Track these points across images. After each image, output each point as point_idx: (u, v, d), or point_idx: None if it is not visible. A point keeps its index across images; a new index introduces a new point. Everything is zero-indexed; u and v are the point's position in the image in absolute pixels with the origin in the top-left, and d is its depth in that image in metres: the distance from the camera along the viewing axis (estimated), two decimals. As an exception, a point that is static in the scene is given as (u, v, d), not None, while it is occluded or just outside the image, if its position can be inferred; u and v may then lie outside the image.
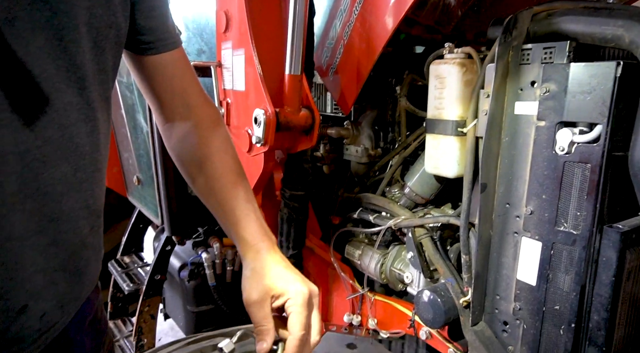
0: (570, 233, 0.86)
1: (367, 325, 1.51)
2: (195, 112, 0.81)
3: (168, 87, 0.78)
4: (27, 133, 0.53)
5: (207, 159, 0.79)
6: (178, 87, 0.78)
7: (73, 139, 0.59)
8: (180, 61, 0.78)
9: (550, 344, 0.92)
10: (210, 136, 0.81)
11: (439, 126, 1.08)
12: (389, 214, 1.33)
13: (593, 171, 0.82)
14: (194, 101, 0.81)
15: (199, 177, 0.79)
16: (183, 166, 0.82)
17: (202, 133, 0.80)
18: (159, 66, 0.75)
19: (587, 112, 0.81)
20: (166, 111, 0.80)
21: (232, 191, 0.77)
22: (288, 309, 0.68)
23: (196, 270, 1.73)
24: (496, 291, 1.02)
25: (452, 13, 1.66)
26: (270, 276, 0.70)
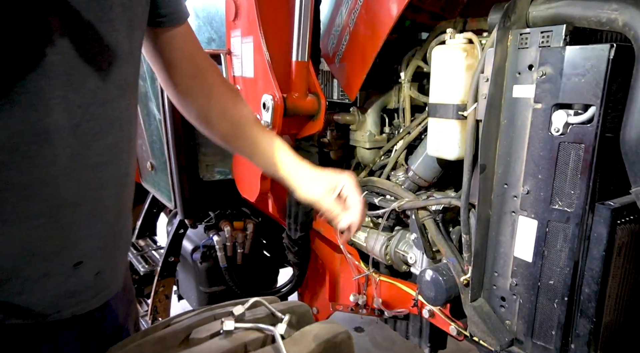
0: (565, 211, 0.90)
1: (372, 304, 1.57)
2: (206, 72, 0.91)
3: (179, 56, 0.86)
4: (76, 109, 0.61)
5: (228, 107, 0.92)
6: (188, 55, 0.88)
7: (114, 114, 0.68)
8: (188, 31, 0.88)
9: (545, 317, 0.96)
10: (224, 89, 0.93)
11: (440, 110, 1.11)
12: (393, 197, 1.38)
13: (586, 151, 0.85)
14: (202, 63, 0.91)
15: (222, 124, 0.92)
16: (201, 118, 0.93)
17: (218, 88, 0.92)
18: (172, 38, 0.84)
19: (582, 94, 0.84)
20: (177, 77, 0.89)
21: (259, 130, 0.93)
22: (345, 193, 0.90)
23: (208, 252, 1.80)
24: (494, 268, 1.06)
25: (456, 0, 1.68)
26: (321, 176, 0.91)
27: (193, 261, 1.81)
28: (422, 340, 1.62)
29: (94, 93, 0.64)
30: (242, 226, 1.84)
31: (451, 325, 1.29)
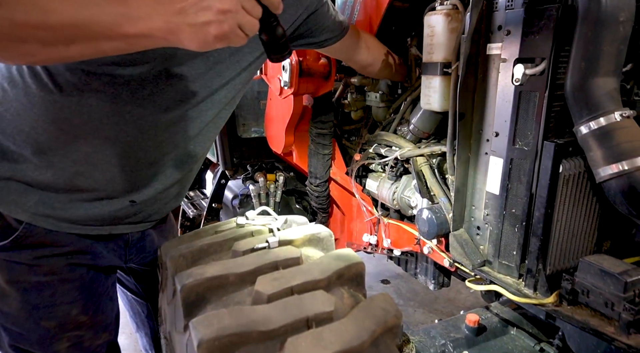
0: (523, 149, 1.07)
1: (382, 244, 1.80)
2: (377, 54, 1.47)
3: (356, 54, 1.41)
4: (190, 114, 0.99)
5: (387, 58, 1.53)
6: (362, 50, 1.42)
7: (216, 119, 1.07)
8: (353, 35, 1.37)
9: (508, 240, 1.15)
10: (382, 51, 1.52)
11: (430, 68, 1.29)
12: (398, 148, 1.58)
13: (540, 98, 1.01)
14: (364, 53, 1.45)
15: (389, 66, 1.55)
16: (382, 72, 1.55)
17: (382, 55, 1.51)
18: (342, 45, 1.32)
19: (536, 49, 1.00)
20: (358, 67, 1.49)
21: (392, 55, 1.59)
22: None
23: (245, 199, 2.10)
24: (472, 202, 1.25)
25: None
26: None
27: (232, 207, 2.12)
28: (427, 278, 1.84)
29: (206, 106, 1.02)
30: (274, 178, 2.12)
31: (445, 258, 1.50)
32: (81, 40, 0.65)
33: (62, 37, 0.64)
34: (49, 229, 0.95)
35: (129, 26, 0.65)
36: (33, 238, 0.94)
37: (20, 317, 0.98)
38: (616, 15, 0.89)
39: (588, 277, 0.97)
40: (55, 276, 0.99)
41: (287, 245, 0.87)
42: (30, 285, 0.97)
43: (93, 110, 0.86)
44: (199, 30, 0.66)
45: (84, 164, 0.91)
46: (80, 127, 0.87)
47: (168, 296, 0.88)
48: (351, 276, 0.82)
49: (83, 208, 0.97)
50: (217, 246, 0.88)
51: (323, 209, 1.92)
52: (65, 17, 0.62)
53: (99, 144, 0.90)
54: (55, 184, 0.91)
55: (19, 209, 0.92)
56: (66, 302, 1.02)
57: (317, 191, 1.80)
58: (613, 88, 0.93)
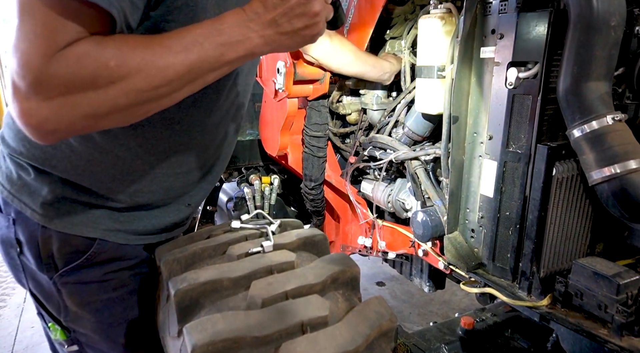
0: (517, 152, 1.08)
1: (377, 247, 1.80)
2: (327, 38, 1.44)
3: None
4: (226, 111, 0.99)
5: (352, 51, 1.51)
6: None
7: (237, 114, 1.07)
8: None
9: (503, 243, 1.15)
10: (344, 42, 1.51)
11: (425, 71, 1.30)
12: (392, 151, 1.58)
13: (533, 101, 1.02)
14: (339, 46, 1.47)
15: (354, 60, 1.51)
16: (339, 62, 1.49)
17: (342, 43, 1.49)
18: None
19: (530, 53, 1.01)
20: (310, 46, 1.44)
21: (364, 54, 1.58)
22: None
23: (239, 202, 2.09)
24: (467, 205, 1.25)
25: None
26: None
27: (227, 210, 2.12)
28: (422, 280, 1.84)
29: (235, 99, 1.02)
30: (269, 181, 2.11)
31: (440, 260, 1.50)
32: (192, 81, 0.69)
33: (178, 86, 0.67)
34: (119, 243, 0.96)
35: (232, 53, 0.69)
36: (105, 253, 0.96)
37: (97, 338, 0.99)
38: (607, 20, 0.90)
39: (581, 280, 0.97)
40: (124, 289, 1.00)
41: (281, 249, 0.86)
42: (102, 303, 0.98)
43: (145, 130, 0.87)
44: (296, 36, 0.70)
45: (141, 182, 0.93)
46: (134, 150, 0.89)
47: (162, 301, 0.87)
48: (346, 280, 0.82)
49: (148, 219, 1.00)
50: (212, 251, 0.88)
51: (318, 212, 1.92)
52: (179, 68, 0.65)
53: (154, 160, 0.92)
54: (118, 203, 0.94)
55: (90, 228, 0.92)
56: (137, 315, 1.03)
57: (312, 194, 1.80)
58: (605, 92, 0.94)
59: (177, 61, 0.65)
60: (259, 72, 1.68)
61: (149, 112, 0.70)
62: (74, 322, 0.97)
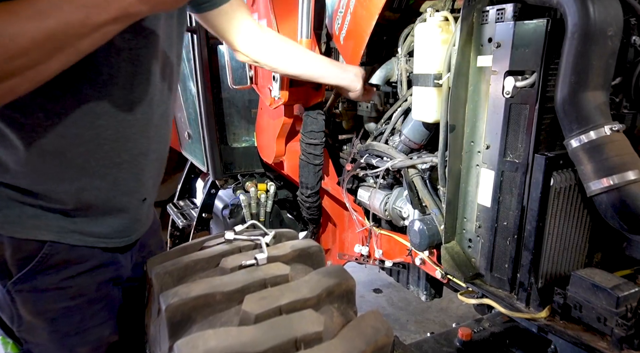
0: (514, 162, 1.06)
1: (374, 255, 1.78)
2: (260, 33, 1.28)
3: (235, 27, 1.21)
4: (153, 89, 0.93)
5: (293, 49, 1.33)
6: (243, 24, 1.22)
7: (172, 85, 1.01)
8: (236, 4, 1.18)
9: (500, 253, 1.14)
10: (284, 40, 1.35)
11: (421, 79, 1.29)
12: (389, 159, 1.57)
13: (530, 110, 1.01)
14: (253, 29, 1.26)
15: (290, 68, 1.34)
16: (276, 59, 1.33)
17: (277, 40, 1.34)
18: (222, 15, 1.16)
19: (527, 62, 1.00)
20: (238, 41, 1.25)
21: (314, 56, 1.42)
22: None
23: (235, 209, 2.07)
24: (464, 215, 1.24)
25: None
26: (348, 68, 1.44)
27: (223, 217, 2.10)
28: (419, 289, 1.82)
29: (162, 76, 0.95)
30: (265, 188, 2.10)
31: (437, 269, 1.49)
32: (58, 50, 0.62)
33: (40, 56, 0.61)
34: (73, 245, 0.92)
35: (100, 15, 0.62)
36: (59, 255, 0.91)
37: (53, 348, 0.95)
38: (605, 29, 0.89)
39: (580, 292, 0.96)
40: (82, 298, 0.96)
41: (275, 262, 0.85)
42: (58, 312, 0.94)
43: (63, 119, 0.82)
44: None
45: (82, 179, 0.88)
46: (57, 142, 0.84)
47: (153, 315, 0.85)
48: (341, 293, 0.80)
49: (104, 219, 0.95)
50: (204, 263, 0.86)
51: (314, 220, 1.90)
52: (35, 35, 0.59)
53: (85, 152, 0.87)
54: (64, 204, 0.89)
55: (42, 230, 0.88)
56: (97, 325, 0.99)
57: (309, 202, 1.78)
58: (602, 102, 0.93)
59: (30, 28, 0.58)
60: (254, 78, 1.67)
61: (18, 88, 0.62)
62: (27, 332, 0.93)
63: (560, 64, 0.93)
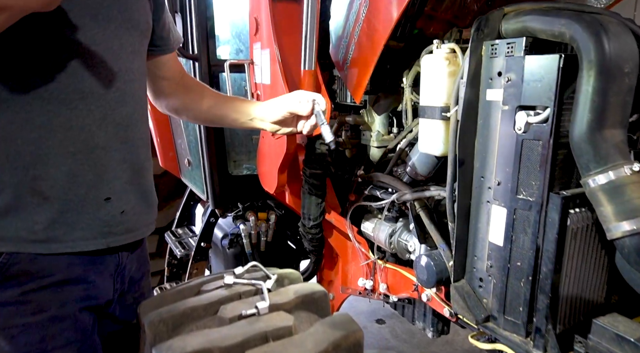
0: (528, 200, 1.02)
1: (378, 289, 1.72)
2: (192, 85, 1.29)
3: (171, 75, 1.23)
4: (107, 82, 0.91)
5: (204, 91, 1.28)
6: (178, 73, 1.25)
7: (134, 91, 0.99)
8: (175, 57, 1.24)
9: (514, 295, 1.08)
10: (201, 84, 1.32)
11: (428, 112, 1.25)
12: (394, 190, 1.52)
13: (543, 147, 0.97)
14: (188, 80, 1.28)
15: (202, 101, 1.25)
16: (186, 105, 1.27)
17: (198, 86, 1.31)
18: (166, 62, 1.19)
19: (539, 97, 0.97)
20: (166, 90, 1.25)
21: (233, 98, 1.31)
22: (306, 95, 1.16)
23: (235, 239, 2.01)
24: (474, 252, 1.19)
25: (469, 7, 1.80)
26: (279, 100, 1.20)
27: (222, 247, 2.04)
28: (426, 325, 1.75)
29: (118, 74, 0.94)
30: (265, 217, 2.04)
31: (445, 307, 1.42)
32: None
33: None
34: (35, 254, 0.87)
35: None
36: (18, 265, 0.86)
37: None
38: (621, 66, 0.86)
39: (603, 342, 0.90)
40: (44, 314, 0.89)
41: (278, 310, 0.79)
42: (18, 329, 0.87)
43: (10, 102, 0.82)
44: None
45: (37, 166, 0.85)
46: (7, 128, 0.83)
47: (145, 368, 0.79)
48: (348, 346, 0.75)
49: (64, 219, 0.89)
50: (202, 311, 0.81)
51: (316, 251, 1.84)
52: None
53: (37, 138, 0.84)
54: (21, 196, 0.85)
55: (1, 241, 0.85)
56: (59, 346, 0.91)
57: (311, 234, 1.73)
58: (620, 140, 0.89)
59: None
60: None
61: None
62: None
63: (576, 100, 0.90)
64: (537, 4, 1.06)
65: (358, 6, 1.45)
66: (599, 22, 0.87)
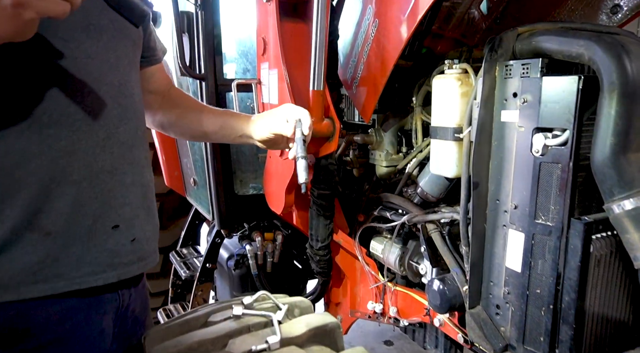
0: (547, 225, 0.98)
1: (388, 313, 1.67)
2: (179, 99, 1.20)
3: (159, 86, 1.15)
4: (108, 98, 0.85)
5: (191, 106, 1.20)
6: (165, 84, 1.17)
7: (135, 106, 0.93)
8: (162, 68, 1.16)
9: (534, 324, 1.03)
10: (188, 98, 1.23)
11: (440, 132, 1.23)
12: (404, 212, 1.49)
13: (563, 171, 0.94)
14: (175, 93, 1.20)
15: (190, 116, 1.17)
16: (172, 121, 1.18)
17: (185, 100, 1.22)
18: (153, 73, 1.11)
19: (557, 119, 0.94)
20: (153, 105, 1.16)
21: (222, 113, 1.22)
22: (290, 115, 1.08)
23: (241, 260, 1.97)
24: (490, 278, 1.14)
25: (477, 26, 1.79)
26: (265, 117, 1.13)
27: (228, 268, 2.00)
28: (438, 350, 1.69)
29: (124, 88, 0.88)
30: (272, 237, 2.00)
31: (459, 333, 1.37)
32: None
33: None
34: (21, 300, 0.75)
35: None
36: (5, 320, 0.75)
37: None
38: (644, 88, 0.84)
39: (633, 377, 0.85)
40: None
41: (289, 345, 0.75)
42: None
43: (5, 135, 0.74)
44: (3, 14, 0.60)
45: (38, 199, 0.76)
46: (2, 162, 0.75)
47: (149, 406, 0.75)
48: (364, 383, 0.70)
49: (72, 253, 0.80)
50: (210, 345, 0.77)
51: (324, 273, 1.80)
52: None
53: (36, 168, 0.76)
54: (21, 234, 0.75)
55: None
56: None
57: (319, 255, 1.69)
58: (645, 164, 0.86)
59: None
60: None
61: None
62: None
63: (597, 123, 0.87)
64: (551, 24, 1.05)
65: (367, 26, 1.44)
66: (620, 43, 0.85)
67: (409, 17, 1.29)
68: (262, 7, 1.53)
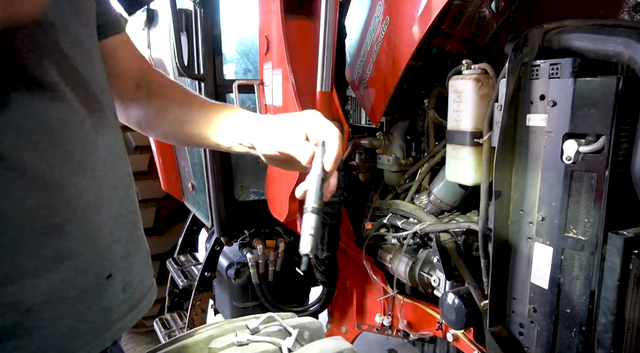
0: (579, 239, 0.90)
1: (397, 326, 1.58)
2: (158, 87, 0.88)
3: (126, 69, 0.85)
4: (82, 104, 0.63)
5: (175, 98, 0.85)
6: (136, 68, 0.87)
7: (110, 105, 0.71)
8: (128, 41, 0.85)
9: (564, 346, 0.95)
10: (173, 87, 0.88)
11: (457, 137, 1.15)
12: (416, 220, 1.41)
13: (599, 180, 0.86)
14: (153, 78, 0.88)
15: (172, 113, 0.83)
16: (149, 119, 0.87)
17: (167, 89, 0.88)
18: (113, 49, 0.80)
19: (592, 124, 0.86)
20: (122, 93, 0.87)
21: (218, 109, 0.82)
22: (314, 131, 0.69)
23: (241, 269, 1.89)
24: (512, 294, 1.06)
25: (487, 25, 1.71)
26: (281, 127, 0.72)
27: (227, 277, 1.91)
28: (449, 365, 1.61)
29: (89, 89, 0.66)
30: (274, 244, 1.92)
31: (474, 350, 1.29)
32: None
33: None
34: None
35: None
36: None
37: None
38: (692, 90, 0.76)
39: (681, 410, 0.77)
40: None
41: (302, 379, 0.67)
42: None
43: None
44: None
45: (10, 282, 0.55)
46: None
47: None
48: None
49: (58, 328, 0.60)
50: (211, 377, 0.68)
51: (329, 283, 1.72)
52: None
53: None
54: None
55: None
56: None
57: (324, 265, 1.60)
58: (692, 174, 0.78)
59: None
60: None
61: None
62: None
63: (639, 127, 0.79)
64: (581, 20, 0.97)
65: (377, 23, 1.36)
66: (665, 40, 0.77)
67: (422, 14, 1.22)
68: (265, 4, 1.44)
